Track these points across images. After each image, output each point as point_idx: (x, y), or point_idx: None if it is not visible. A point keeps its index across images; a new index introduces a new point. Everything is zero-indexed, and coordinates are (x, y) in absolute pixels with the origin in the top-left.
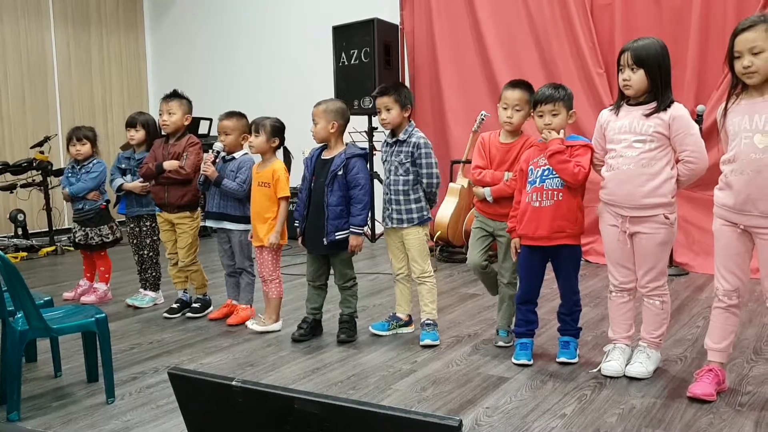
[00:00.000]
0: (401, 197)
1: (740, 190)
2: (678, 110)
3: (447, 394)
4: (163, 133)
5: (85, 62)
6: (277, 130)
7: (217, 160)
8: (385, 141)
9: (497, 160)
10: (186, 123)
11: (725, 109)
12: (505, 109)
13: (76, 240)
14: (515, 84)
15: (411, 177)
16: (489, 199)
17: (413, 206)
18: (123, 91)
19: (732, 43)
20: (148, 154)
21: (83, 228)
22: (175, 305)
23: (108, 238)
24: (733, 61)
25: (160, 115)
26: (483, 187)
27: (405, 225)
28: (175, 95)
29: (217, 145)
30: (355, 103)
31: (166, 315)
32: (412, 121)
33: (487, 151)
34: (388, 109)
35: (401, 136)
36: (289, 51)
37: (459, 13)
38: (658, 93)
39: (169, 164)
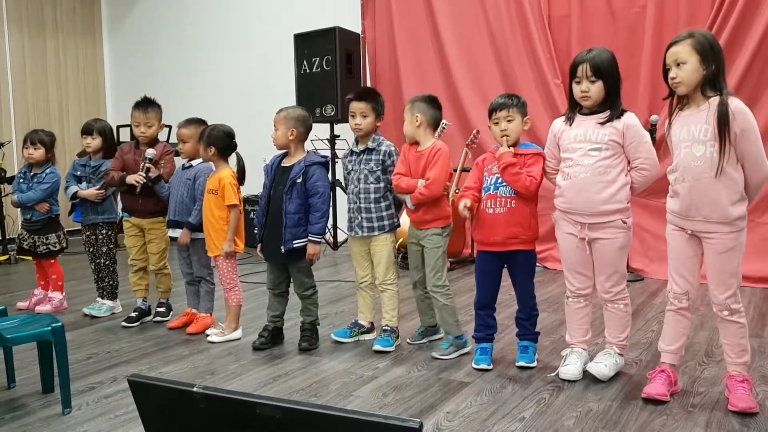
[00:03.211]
0: (372, 205)
1: (684, 197)
2: (631, 119)
3: (408, 399)
4: (140, 143)
5: (40, 67)
6: (212, 138)
7: (148, 166)
8: (350, 150)
9: (413, 168)
10: (159, 131)
11: (669, 121)
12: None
13: (24, 246)
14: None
15: (382, 185)
16: (409, 205)
17: (384, 213)
18: (80, 98)
19: (664, 57)
20: (109, 160)
21: (31, 236)
22: (133, 314)
23: (55, 247)
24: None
25: (137, 126)
26: (403, 193)
27: (376, 232)
28: (151, 104)
29: (149, 152)
30: (317, 110)
31: (124, 324)
32: (378, 130)
33: (407, 159)
34: (364, 116)
35: (370, 144)
36: (251, 58)
37: (420, 23)
38: (612, 102)
39: (131, 179)
